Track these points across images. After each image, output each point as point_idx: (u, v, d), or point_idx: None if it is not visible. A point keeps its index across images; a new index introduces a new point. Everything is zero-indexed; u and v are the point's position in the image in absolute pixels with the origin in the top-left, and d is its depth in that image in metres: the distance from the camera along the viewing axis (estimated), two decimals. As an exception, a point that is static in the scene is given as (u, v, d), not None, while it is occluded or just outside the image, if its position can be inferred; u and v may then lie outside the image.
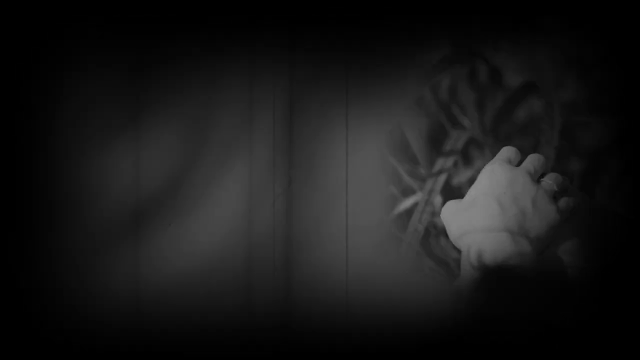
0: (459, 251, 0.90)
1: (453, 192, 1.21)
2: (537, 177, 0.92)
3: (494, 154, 1.11)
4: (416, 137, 1.11)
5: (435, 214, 1.21)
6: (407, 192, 1.36)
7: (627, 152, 1.35)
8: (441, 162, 1.15)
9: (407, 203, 1.35)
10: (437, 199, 1.20)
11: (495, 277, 0.85)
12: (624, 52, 1.80)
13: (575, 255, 0.91)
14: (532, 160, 0.92)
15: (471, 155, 1.33)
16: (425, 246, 1.20)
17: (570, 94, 1.95)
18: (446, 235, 0.95)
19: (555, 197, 0.91)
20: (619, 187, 1.39)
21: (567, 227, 0.91)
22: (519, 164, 0.93)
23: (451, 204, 0.92)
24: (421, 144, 1.14)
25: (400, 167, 1.33)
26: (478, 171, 0.95)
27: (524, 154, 1.04)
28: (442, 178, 1.13)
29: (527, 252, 0.86)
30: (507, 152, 0.93)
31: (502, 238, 0.86)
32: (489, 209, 0.88)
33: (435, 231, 1.24)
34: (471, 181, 1.05)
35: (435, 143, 1.36)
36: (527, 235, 0.87)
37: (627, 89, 1.50)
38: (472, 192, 0.91)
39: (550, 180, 0.91)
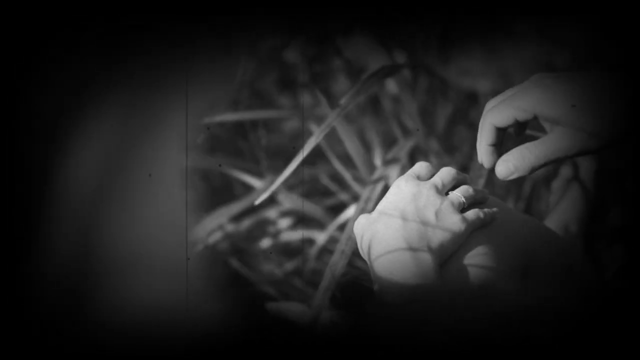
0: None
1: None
2: (445, 190, 0.93)
3: (441, 163, 1.10)
4: (352, 141, 1.11)
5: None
6: (356, 198, 1.36)
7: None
8: (381, 170, 1.14)
9: (350, 211, 1.34)
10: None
11: (392, 296, 0.85)
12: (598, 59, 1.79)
13: (486, 264, 0.92)
14: (442, 174, 0.93)
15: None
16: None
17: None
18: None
19: (464, 208, 0.92)
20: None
21: (480, 237, 0.91)
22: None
23: (361, 218, 0.91)
24: (358, 150, 1.13)
25: (345, 174, 1.32)
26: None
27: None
28: (379, 186, 1.12)
29: (428, 265, 0.85)
30: (419, 167, 0.94)
31: (401, 256, 0.85)
32: (391, 223, 0.88)
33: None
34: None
35: (381, 150, 1.35)
36: (429, 246, 0.86)
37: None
38: (379, 207, 0.91)
39: (459, 193, 0.92)
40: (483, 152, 0.90)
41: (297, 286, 1.35)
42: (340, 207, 1.40)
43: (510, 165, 0.87)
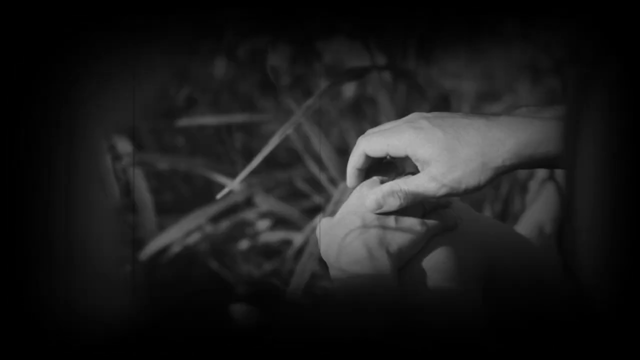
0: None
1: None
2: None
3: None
4: (324, 144, 1.11)
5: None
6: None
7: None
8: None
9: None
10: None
11: (350, 297, 0.85)
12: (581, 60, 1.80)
13: (444, 270, 0.92)
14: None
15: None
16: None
17: (521, 101, 1.95)
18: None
19: (426, 212, 0.91)
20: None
21: (442, 242, 0.90)
22: None
23: (324, 222, 0.91)
24: (330, 153, 1.14)
25: (321, 176, 1.32)
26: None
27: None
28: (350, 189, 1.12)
29: (385, 268, 0.85)
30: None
31: (359, 260, 0.85)
32: (352, 227, 0.87)
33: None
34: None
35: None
36: (388, 250, 0.86)
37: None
38: (342, 210, 0.90)
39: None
40: (349, 173, 0.91)
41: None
42: (317, 209, 1.41)
43: (380, 199, 0.87)
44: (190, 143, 1.51)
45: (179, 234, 1.30)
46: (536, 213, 1.36)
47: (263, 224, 1.42)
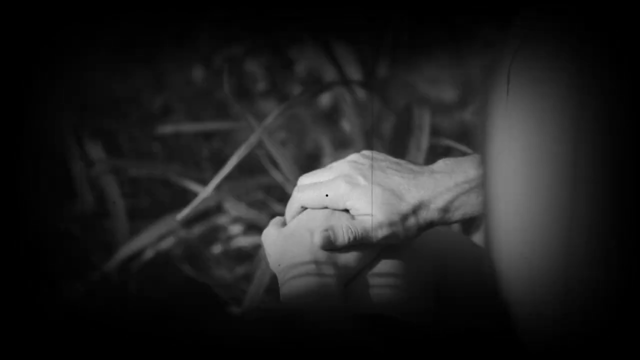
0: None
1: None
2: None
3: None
4: (281, 154, 1.15)
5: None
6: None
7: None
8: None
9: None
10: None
11: (296, 309, 0.86)
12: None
13: (392, 283, 0.94)
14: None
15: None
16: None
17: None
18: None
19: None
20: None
21: (389, 254, 0.93)
22: None
23: (272, 230, 0.93)
24: (288, 162, 1.17)
25: (287, 184, 1.35)
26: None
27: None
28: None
29: (331, 283, 0.87)
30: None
31: (306, 274, 0.87)
32: (302, 241, 0.89)
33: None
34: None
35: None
36: (335, 264, 0.88)
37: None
38: (291, 225, 0.92)
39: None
40: (289, 220, 0.94)
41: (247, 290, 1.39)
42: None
43: (330, 236, 0.89)
44: (167, 150, 1.55)
45: (150, 239, 1.34)
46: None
47: (235, 229, 1.46)
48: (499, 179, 0.65)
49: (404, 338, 0.90)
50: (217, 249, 1.47)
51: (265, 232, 0.94)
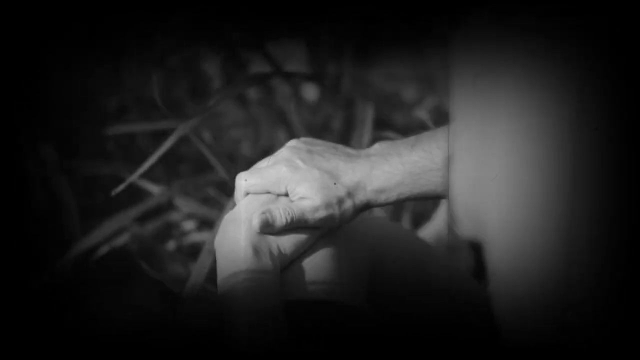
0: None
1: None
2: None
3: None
4: (213, 151, 1.17)
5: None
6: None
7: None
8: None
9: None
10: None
11: (231, 295, 0.87)
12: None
13: (327, 270, 0.95)
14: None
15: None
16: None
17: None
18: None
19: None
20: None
21: (325, 241, 0.95)
22: None
23: (227, 216, 0.95)
24: (221, 159, 1.20)
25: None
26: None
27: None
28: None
29: (268, 269, 0.89)
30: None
31: (242, 254, 0.89)
32: (240, 224, 0.91)
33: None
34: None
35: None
36: (271, 250, 0.90)
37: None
38: (234, 209, 0.94)
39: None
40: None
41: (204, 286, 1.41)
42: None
43: (268, 218, 0.91)
44: (122, 149, 1.57)
45: (102, 237, 1.36)
46: (439, 221, 1.41)
47: (189, 225, 1.48)
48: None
49: (337, 323, 0.92)
50: (171, 245, 1.49)
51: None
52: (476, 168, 0.63)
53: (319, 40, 1.62)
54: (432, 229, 1.41)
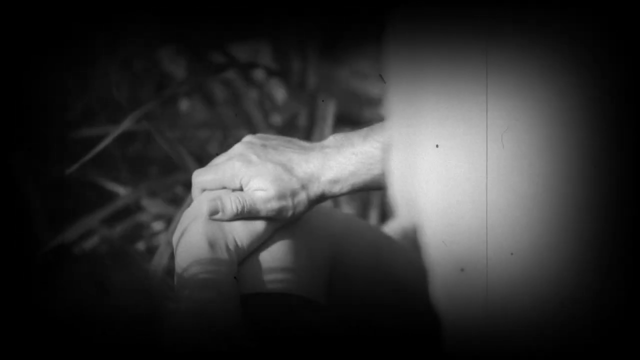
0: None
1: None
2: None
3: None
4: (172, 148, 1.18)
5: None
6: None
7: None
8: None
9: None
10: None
11: (188, 290, 0.89)
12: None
13: (285, 262, 0.96)
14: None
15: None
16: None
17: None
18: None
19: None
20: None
21: (283, 234, 0.96)
22: None
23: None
24: (183, 157, 1.21)
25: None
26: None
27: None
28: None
29: (224, 262, 0.90)
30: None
31: (198, 247, 0.91)
32: (197, 220, 0.93)
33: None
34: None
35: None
36: (228, 243, 0.92)
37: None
38: (192, 205, 0.96)
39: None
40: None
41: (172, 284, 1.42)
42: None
43: (218, 205, 0.94)
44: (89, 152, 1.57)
45: (70, 239, 1.37)
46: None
47: (157, 226, 1.50)
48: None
49: (294, 317, 0.93)
50: (141, 245, 1.50)
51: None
52: (407, 156, 0.65)
53: (283, 38, 1.63)
54: (397, 225, 1.43)
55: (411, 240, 1.44)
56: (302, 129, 1.44)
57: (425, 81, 0.62)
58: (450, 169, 0.61)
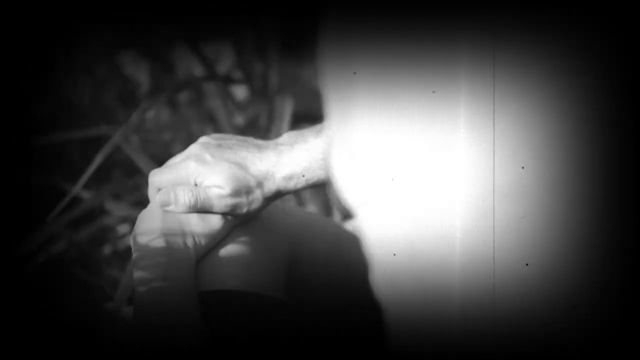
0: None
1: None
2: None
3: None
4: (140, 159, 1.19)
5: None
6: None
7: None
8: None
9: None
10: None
11: (147, 288, 0.88)
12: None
13: (244, 259, 0.96)
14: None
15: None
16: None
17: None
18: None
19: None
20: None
21: (241, 232, 0.97)
22: None
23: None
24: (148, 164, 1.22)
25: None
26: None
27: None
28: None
29: (182, 260, 0.90)
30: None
31: (155, 246, 0.91)
32: (152, 215, 0.94)
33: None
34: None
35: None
36: (185, 241, 0.92)
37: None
38: (149, 205, 0.96)
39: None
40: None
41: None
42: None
43: (171, 196, 0.95)
44: (54, 158, 1.58)
45: (36, 244, 1.37)
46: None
47: (123, 229, 1.50)
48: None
49: (251, 314, 0.94)
50: (107, 249, 1.51)
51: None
52: (345, 149, 0.67)
53: (245, 39, 1.64)
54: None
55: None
56: (263, 128, 1.45)
57: (357, 79, 0.64)
58: (385, 161, 0.62)
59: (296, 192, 1.01)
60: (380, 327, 1.06)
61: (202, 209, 0.95)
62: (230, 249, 0.96)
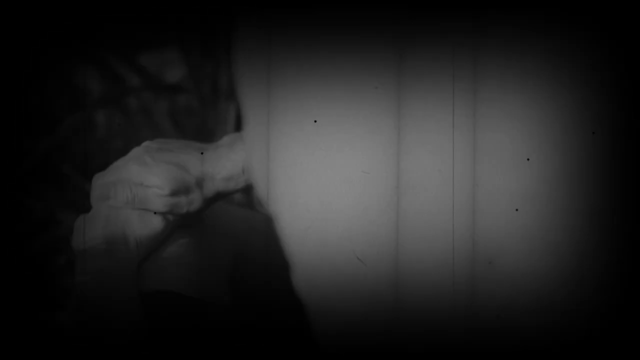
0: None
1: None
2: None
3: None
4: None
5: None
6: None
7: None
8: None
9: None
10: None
11: (88, 291, 0.89)
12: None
13: (187, 261, 0.97)
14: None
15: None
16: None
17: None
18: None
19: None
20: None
21: (184, 233, 0.98)
22: None
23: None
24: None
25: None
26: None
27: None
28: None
29: (123, 261, 0.91)
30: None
31: (96, 248, 0.91)
32: (95, 216, 0.95)
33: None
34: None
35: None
36: (127, 242, 0.93)
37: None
38: (92, 201, 0.97)
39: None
40: None
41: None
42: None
43: (110, 190, 0.96)
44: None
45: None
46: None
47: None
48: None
49: (194, 315, 0.94)
50: (61, 259, 1.51)
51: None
52: (260, 150, 0.68)
53: (191, 44, 1.64)
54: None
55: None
56: (209, 132, 1.46)
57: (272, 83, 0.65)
58: (298, 161, 0.63)
59: (238, 193, 1.02)
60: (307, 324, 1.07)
61: (140, 205, 0.96)
62: (173, 251, 0.97)
